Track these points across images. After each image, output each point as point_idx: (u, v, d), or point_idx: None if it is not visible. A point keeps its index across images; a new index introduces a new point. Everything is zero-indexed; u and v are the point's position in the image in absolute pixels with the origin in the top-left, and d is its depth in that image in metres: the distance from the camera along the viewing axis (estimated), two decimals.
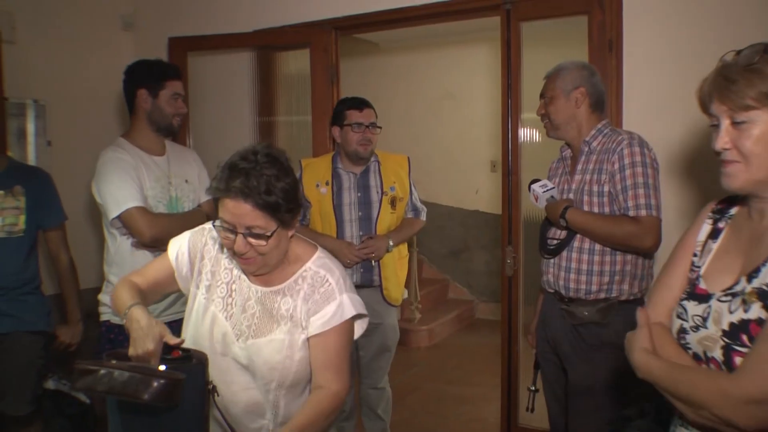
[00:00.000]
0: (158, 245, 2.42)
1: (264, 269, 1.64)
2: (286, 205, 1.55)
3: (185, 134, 3.82)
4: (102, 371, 1.33)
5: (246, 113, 3.93)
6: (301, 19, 3.62)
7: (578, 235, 2.31)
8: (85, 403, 2.81)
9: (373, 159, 3.08)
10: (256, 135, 3.91)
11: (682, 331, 1.34)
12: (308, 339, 1.65)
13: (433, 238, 6.76)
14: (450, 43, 6.32)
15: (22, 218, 2.74)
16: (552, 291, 2.43)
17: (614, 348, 2.27)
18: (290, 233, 1.64)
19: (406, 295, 3.23)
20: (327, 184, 3.02)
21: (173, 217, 2.52)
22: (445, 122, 6.63)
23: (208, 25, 3.85)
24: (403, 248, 3.18)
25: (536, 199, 2.42)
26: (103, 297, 2.62)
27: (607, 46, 2.87)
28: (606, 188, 2.25)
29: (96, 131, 3.95)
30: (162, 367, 1.35)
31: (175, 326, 1.86)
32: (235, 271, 1.72)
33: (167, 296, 2.45)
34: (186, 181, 2.70)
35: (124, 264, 2.52)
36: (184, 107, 2.69)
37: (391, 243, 2.97)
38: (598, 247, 2.28)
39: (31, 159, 3.77)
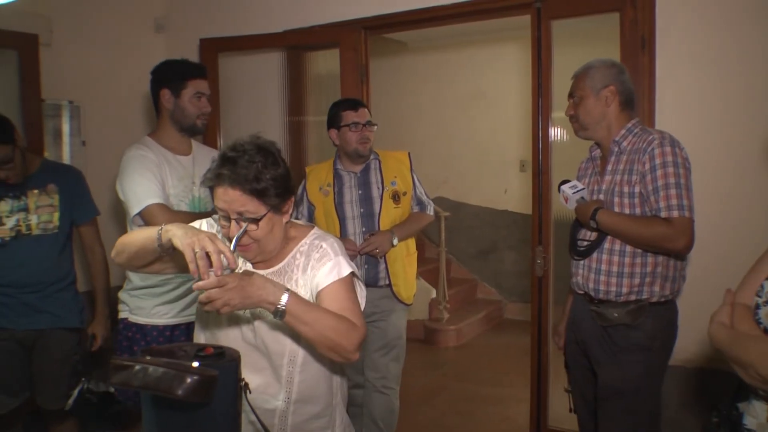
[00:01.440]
0: None
1: (262, 256, 1.71)
2: (274, 190, 1.61)
3: (216, 134, 3.86)
4: (137, 367, 1.35)
5: (276, 113, 3.96)
6: (330, 19, 3.64)
7: (609, 237, 2.28)
8: (123, 403, 2.81)
9: (372, 157, 3.10)
10: (286, 134, 3.94)
11: (757, 306, 1.40)
12: (315, 299, 1.69)
13: (462, 237, 6.74)
14: (479, 42, 6.29)
15: (56, 215, 2.80)
16: (582, 292, 2.41)
17: (645, 350, 2.25)
18: (284, 219, 1.70)
19: (434, 296, 3.21)
20: (329, 185, 3.08)
21: (193, 215, 2.54)
22: (474, 122, 6.60)
23: (239, 26, 3.89)
24: (412, 245, 3.17)
25: (566, 201, 2.40)
26: (123, 295, 2.67)
27: (639, 43, 2.83)
28: (637, 189, 2.22)
29: (129, 131, 4.02)
30: (195, 364, 1.36)
31: (192, 328, 1.89)
32: (240, 260, 1.75)
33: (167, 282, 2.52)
34: None
35: None
36: (207, 106, 2.69)
37: (395, 237, 2.97)
38: (628, 248, 2.25)
39: (66, 158, 3.86)
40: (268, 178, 1.60)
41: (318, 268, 1.70)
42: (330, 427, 1.81)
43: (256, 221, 1.61)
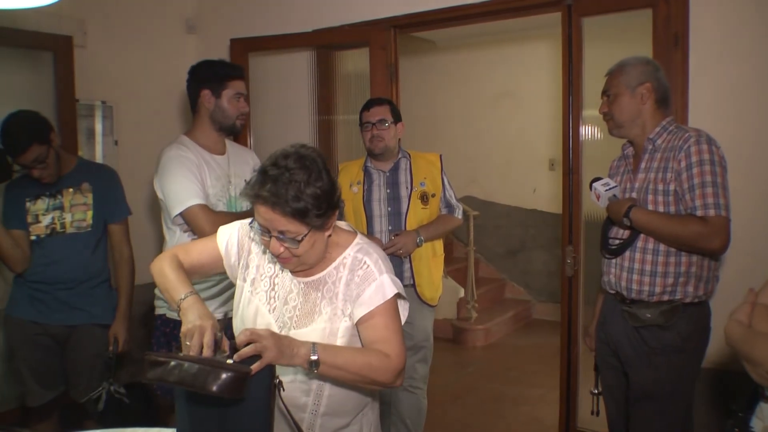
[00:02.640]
0: None
1: (302, 267, 1.67)
2: (315, 211, 1.55)
3: (246, 133, 3.90)
4: (172, 363, 1.37)
5: (305, 112, 3.98)
6: (359, 18, 3.64)
7: (642, 235, 2.25)
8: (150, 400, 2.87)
9: (402, 156, 3.11)
10: (315, 133, 3.96)
11: None
12: (356, 325, 1.66)
13: (490, 237, 6.71)
14: (508, 40, 6.26)
15: (90, 214, 2.84)
16: (613, 292, 2.38)
17: (677, 352, 2.22)
18: (327, 233, 1.64)
19: (462, 295, 3.19)
20: (359, 183, 3.10)
21: (234, 216, 2.54)
22: (503, 121, 6.56)
23: (269, 26, 3.91)
24: (439, 247, 3.17)
25: (598, 198, 2.37)
26: (158, 291, 2.68)
27: (672, 40, 2.79)
28: (672, 187, 2.18)
29: (160, 131, 4.08)
30: (230, 361, 1.38)
31: (228, 325, 1.91)
32: (278, 265, 1.74)
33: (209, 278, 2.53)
34: (245, 180, 2.72)
35: None
36: (246, 107, 2.71)
37: (421, 238, 2.97)
38: (662, 247, 2.22)
39: (99, 157, 3.93)
40: (309, 197, 1.53)
41: (363, 289, 1.65)
42: None
43: (297, 242, 1.57)
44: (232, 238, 1.80)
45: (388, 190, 3.06)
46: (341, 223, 1.79)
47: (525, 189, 6.59)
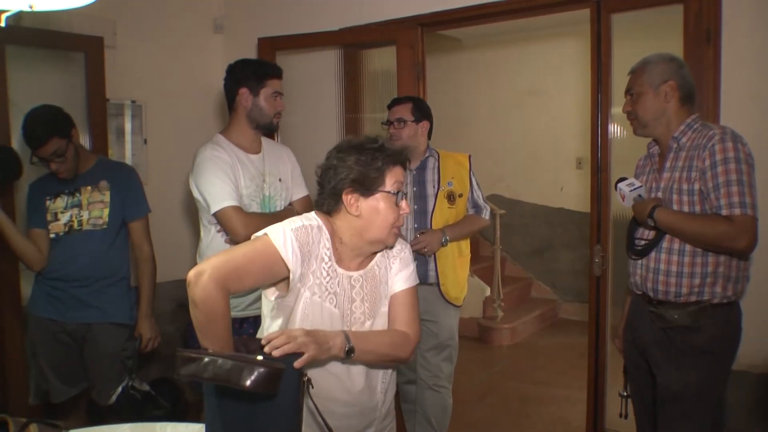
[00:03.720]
0: None
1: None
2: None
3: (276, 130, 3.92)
4: (206, 359, 1.39)
5: (333, 110, 3.99)
6: (386, 17, 3.64)
7: (668, 236, 2.22)
8: (165, 406, 2.85)
9: (429, 155, 3.11)
10: (343, 131, 3.97)
11: None
12: (390, 296, 1.85)
13: (517, 235, 6.68)
14: (534, 38, 6.22)
15: (106, 211, 2.84)
16: (640, 293, 2.35)
17: (706, 354, 2.19)
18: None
19: (488, 294, 3.18)
20: None
21: (267, 217, 2.55)
22: (530, 119, 6.53)
23: (296, 25, 3.93)
24: (465, 247, 3.16)
25: (623, 199, 2.35)
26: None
27: (704, 36, 2.74)
28: (696, 186, 2.15)
29: (188, 129, 4.13)
30: (259, 357, 1.40)
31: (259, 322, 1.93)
32: (332, 266, 1.78)
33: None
34: (279, 179, 2.73)
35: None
36: (283, 105, 2.72)
37: (446, 237, 2.96)
38: (688, 247, 2.19)
39: (128, 156, 3.98)
40: None
41: (404, 267, 1.88)
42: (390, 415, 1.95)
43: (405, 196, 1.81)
44: (293, 245, 1.70)
45: (415, 188, 3.06)
46: None
47: (552, 187, 6.54)
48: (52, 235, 2.83)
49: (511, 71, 6.59)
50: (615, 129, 3.11)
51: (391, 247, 1.87)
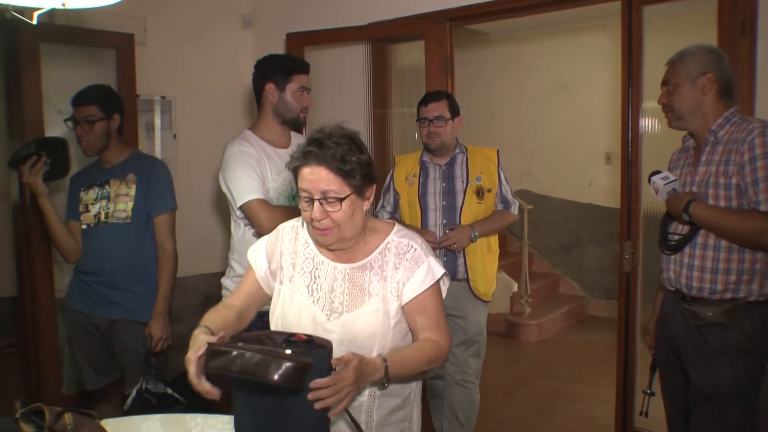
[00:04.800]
0: None
1: (342, 243, 1.71)
2: (359, 172, 1.64)
3: (303, 126, 3.93)
4: (234, 352, 1.40)
5: (361, 105, 4.00)
6: (414, 11, 3.63)
7: (702, 231, 2.18)
8: (182, 401, 2.73)
9: (458, 150, 3.09)
10: (371, 126, 3.98)
11: None
12: (403, 307, 1.72)
13: (545, 231, 6.62)
14: (563, 31, 6.15)
15: (131, 205, 2.82)
16: (673, 289, 2.31)
17: (742, 353, 2.15)
18: (365, 205, 1.71)
19: (516, 290, 3.16)
20: (414, 176, 3.10)
21: (292, 210, 2.55)
22: (558, 113, 6.46)
23: (324, 20, 3.94)
24: (494, 242, 3.14)
25: (656, 192, 2.31)
26: (225, 281, 2.71)
27: (739, 28, 2.68)
28: (734, 181, 2.10)
29: (217, 124, 4.17)
30: (288, 351, 1.40)
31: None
32: (317, 258, 1.78)
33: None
34: None
35: (245, 251, 2.61)
36: (309, 101, 2.72)
37: (475, 233, 2.94)
38: (723, 243, 2.14)
39: (158, 151, 4.04)
40: (353, 160, 1.63)
41: (412, 271, 1.72)
42: (407, 419, 1.83)
43: (339, 201, 1.62)
44: (260, 252, 1.86)
45: (444, 184, 3.05)
46: (376, 218, 1.86)
47: (580, 183, 6.48)
48: (83, 227, 2.86)
49: (540, 65, 6.53)
50: (646, 123, 3.07)
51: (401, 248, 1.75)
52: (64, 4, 1.53)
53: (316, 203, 1.63)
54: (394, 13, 3.71)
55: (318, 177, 1.61)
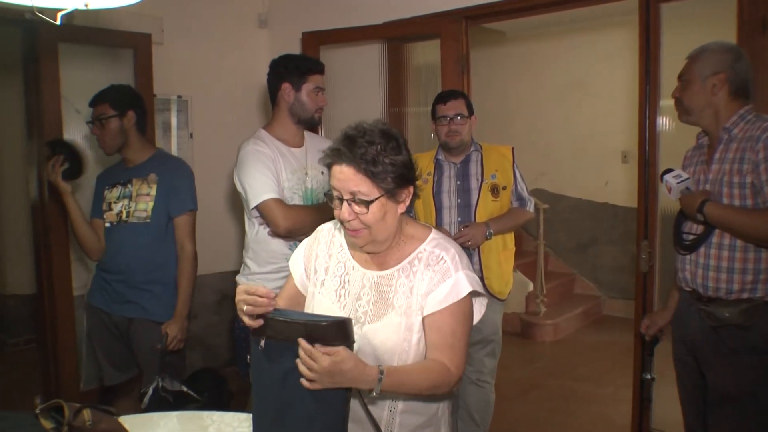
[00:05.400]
0: (293, 236, 2.52)
1: (374, 246, 1.65)
2: (392, 175, 1.56)
3: (318, 125, 3.94)
4: (278, 318, 1.50)
5: (376, 104, 4.00)
6: (430, 10, 3.63)
7: (718, 230, 2.16)
8: (197, 399, 2.74)
9: (474, 149, 3.09)
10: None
11: None
12: (423, 318, 1.63)
13: (560, 230, 6.59)
14: (579, 29, 6.12)
15: (151, 205, 2.83)
16: (689, 289, 2.29)
17: (759, 353, 2.12)
18: (399, 208, 1.63)
19: (531, 289, 3.14)
20: (429, 174, 3.09)
21: (307, 209, 2.58)
22: (574, 111, 6.43)
23: (339, 19, 3.94)
24: (510, 240, 3.13)
25: (669, 191, 2.28)
26: (240, 279, 2.72)
27: (759, 25, 2.65)
28: (748, 179, 2.07)
29: (234, 124, 4.19)
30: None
31: None
32: (349, 263, 1.73)
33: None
34: (322, 172, 2.72)
35: (260, 250, 2.63)
36: (325, 101, 2.73)
37: (490, 231, 2.93)
38: (739, 242, 2.12)
39: (174, 150, 4.07)
40: (386, 161, 1.55)
41: (436, 285, 1.62)
42: None
43: (367, 204, 1.55)
44: (298, 256, 1.84)
45: (459, 182, 3.04)
46: (415, 220, 1.79)
47: (596, 182, 6.44)
48: (106, 225, 2.88)
49: (556, 64, 6.50)
50: (663, 122, 3.05)
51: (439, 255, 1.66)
52: (86, 5, 1.54)
53: (345, 203, 1.57)
54: (410, 11, 3.71)
55: (347, 177, 1.55)
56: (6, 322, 5.45)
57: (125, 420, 1.69)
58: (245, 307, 1.52)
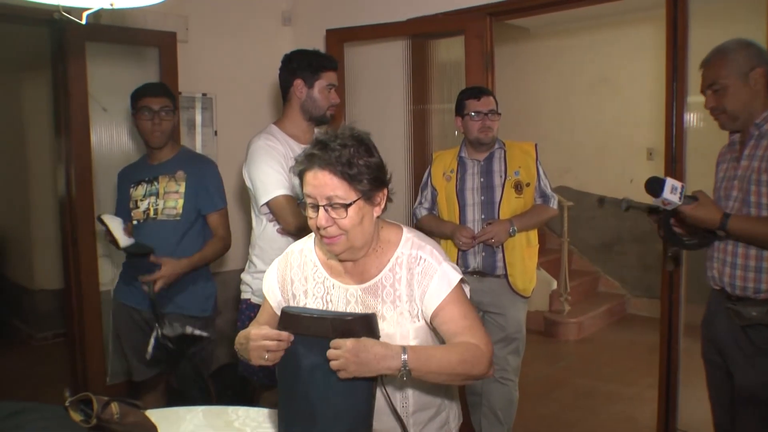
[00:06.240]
0: (303, 234, 2.51)
1: (352, 253, 1.62)
2: (367, 177, 1.54)
3: (341, 122, 3.94)
4: (304, 315, 1.52)
5: (400, 101, 4.00)
6: (454, 6, 3.61)
7: None
8: (202, 336, 2.73)
9: (497, 146, 3.07)
10: (410, 123, 3.97)
11: None
12: (430, 321, 1.62)
13: (584, 228, 6.53)
14: (604, 25, 6.06)
15: (181, 202, 2.85)
16: (718, 288, 2.25)
17: None
18: (375, 211, 1.61)
19: (555, 287, 3.12)
20: (452, 172, 3.08)
21: None
22: (599, 108, 6.37)
23: (363, 16, 3.94)
24: (533, 237, 3.11)
25: (664, 204, 2.12)
26: (246, 276, 2.73)
27: None
28: None
29: (258, 121, 4.18)
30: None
31: None
32: (327, 282, 1.70)
33: None
34: None
35: (268, 247, 2.62)
36: (337, 98, 2.73)
37: (514, 228, 2.92)
38: None
39: (199, 148, 4.10)
40: (360, 163, 1.53)
41: (426, 285, 1.61)
42: (445, 424, 1.78)
43: (345, 207, 1.53)
44: (272, 282, 1.79)
45: (482, 179, 3.03)
46: (388, 220, 1.74)
47: (621, 179, 6.36)
48: (134, 222, 2.89)
49: (580, 60, 6.44)
50: (691, 118, 3.01)
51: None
52: (112, 4, 1.56)
53: (321, 210, 1.54)
54: (434, 8, 3.70)
55: (322, 182, 1.52)
56: (34, 316, 5.55)
57: (152, 413, 1.71)
58: (268, 354, 1.52)
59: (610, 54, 6.24)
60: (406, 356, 1.46)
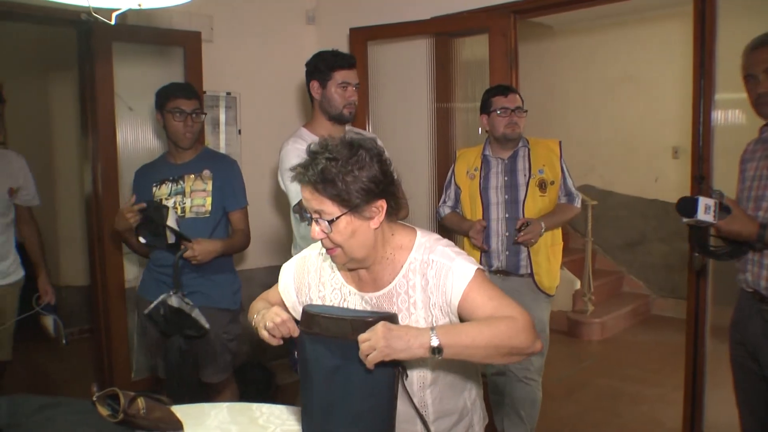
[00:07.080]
0: None
1: (356, 264, 1.60)
2: (356, 192, 1.48)
3: (366, 121, 3.95)
4: (324, 315, 1.52)
5: (424, 99, 3.99)
6: (478, 4, 3.60)
7: None
8: (203, 327, 2.76)
9: (522, 144, 3.05)
10: (434, 121, 3.97)
11: None
12: (459, 318, 1.57)
13: (608, 228, 6.47)
14: (628, 22, 5.99)
15: (209, 200, 2.91)
16: (751, 290, 2.20)
17: None
18: (372, 224, 1.55)
19: (578, 287, 3.09)
20: (476, 170, 3.07)
21: None
22: (624, 106, 6.30)
23: (387, 15, 3.95)
24: (558, 235, 3.09)
25: (697, 223, 2.07)
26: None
27: None
28: None
29: (281, 120, 4.23)
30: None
31: None
32: (344, 289, 1.69)
33: None
34: None
35: (306, 246, 2.63)
36: (353, 95, 2.72)
37: (543, 226, 2.91)
38: None
39: (223, 146, 4.13)
40: (347, 179, 1.47)
41: (445, 284, 1.56)
42: (470, 428, 1.76)
43: (329, 223, 1.50)
44: (288, 284, 1.79)
45: (506, 178, 3.01)
46: (403, 223, 1.70)
47: (646, 178, 6.30)
48: None
49: (604, 57, 6.38)
50: (718, 116, 2.96)
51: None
52: (140, 5, 1.59)
53: (314, 221, 1.53)
54: (457, 6, 3.69)
55: (308, 196, 1.52)
56: (60, 312, 5.62)
57: (176, 409, 1.73)
58: (268, 323, 1.58)
59: (635, 51, 6.17)
60: (435, 334, 1.42)
